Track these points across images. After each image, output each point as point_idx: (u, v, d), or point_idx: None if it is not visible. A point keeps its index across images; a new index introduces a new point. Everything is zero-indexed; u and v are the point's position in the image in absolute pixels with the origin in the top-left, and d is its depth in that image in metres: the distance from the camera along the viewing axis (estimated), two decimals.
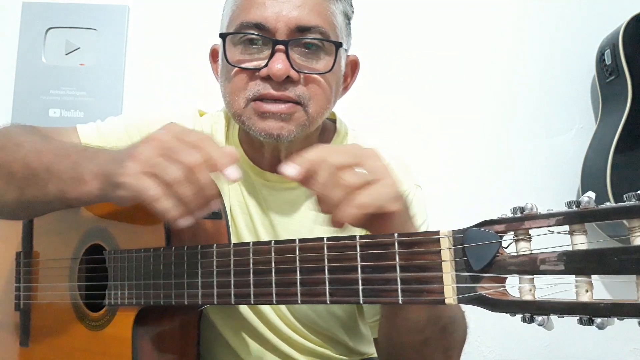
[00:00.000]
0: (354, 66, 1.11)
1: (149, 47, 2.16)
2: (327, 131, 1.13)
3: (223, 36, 0.98)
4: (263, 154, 1.05)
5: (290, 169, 0.70)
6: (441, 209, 1.95)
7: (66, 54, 2.12)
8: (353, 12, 1.06)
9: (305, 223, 1.04)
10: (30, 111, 2.08)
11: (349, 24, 1.05)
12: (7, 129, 0.97)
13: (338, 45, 0.96)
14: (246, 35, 0.94)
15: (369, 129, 1.19)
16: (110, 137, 1.07)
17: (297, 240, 0.71)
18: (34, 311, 1.05)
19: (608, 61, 2.02)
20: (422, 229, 1.03)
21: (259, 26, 0.93)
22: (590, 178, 1.99)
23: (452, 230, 0.59)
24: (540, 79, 2.15)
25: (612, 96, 2.02)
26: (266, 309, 1.07)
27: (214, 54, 1.09)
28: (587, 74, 2.15)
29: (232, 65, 0.96)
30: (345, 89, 1.10)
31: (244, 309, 1.08)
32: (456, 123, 2.12)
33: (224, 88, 1.00)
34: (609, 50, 2.02)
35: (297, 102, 0.93)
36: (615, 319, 0.48)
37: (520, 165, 2.11)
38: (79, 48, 2.12)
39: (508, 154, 2.12)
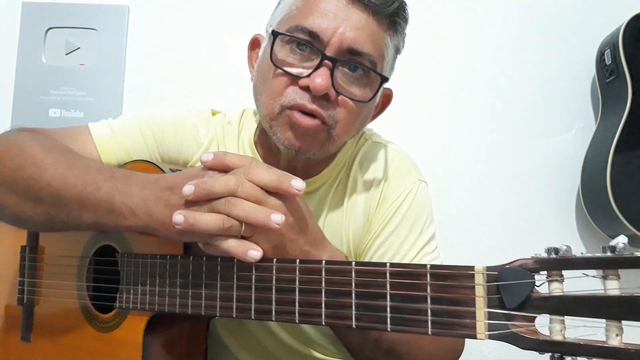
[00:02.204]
0: (386, 99, 1.11)
1: (149, 47, 2.15)
2: None
3: (275, 34, 0.95)
4: (279, 161, 1.04)
5: (205, 156, 0.78)
6: (440, 209, 1.96)
7: (66, 54, 2.10)
8: (404, 47, 1.05)
9: None
10: (30, 111, 2.08)
11: (396, 58, 1.04)
12: (19, 140, 0.94)
13: (384, 79, 0.96)
14: (298, 39, 0.93)
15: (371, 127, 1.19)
16: (124, 138, 1.06)
17: (323, 261, 0.71)
18: (38, 307, 1.05)
19: (608, 61, 2.02)
20: (425, 226, 1.07)
21: (312, 35, 0.91)
22: (590, 178, 2.00)
23: (487, 267, 0.60)
24: (541, 79, 2.15)
25: (612, 96, 2.03)
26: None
27: (254, 43, 1.07)
28: (587, 74, 2.15)
29: (275, 65, 0.94)
30: (373, 118, 1.09)
31: (247, 320, 1.09)
32: (456, 123, 2.13)
33: (261, 85, 0.98)
34: (609, 50, 2.02)
35: (324, 122, 0.92)
36: None
37: (520, 165, 2.11)
38: (79, 48, 2.11)
39: (508, 154, 2.12)
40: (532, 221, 2.07)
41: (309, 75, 0.90)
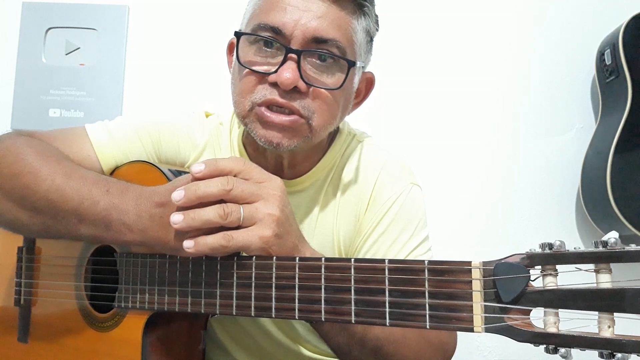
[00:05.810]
0: (369, 83, 1.09)
1: (149, 47, 2.16)
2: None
3: (238, 35, 0.96)
4: (266, 158, 1.05)
5: (196, 167, 0.77)
6: (440, 209, 1.96)
7: (66, 54, 2.11)
8: (378, 29, 1.03)
9: (306, 227, 1.05)
10: (30, 111, 2.09)
11: (371, 41, 1.03)
12: (15, 146, 0.94)
13: (351, 64, 0.94)
14: (261, 37, 0.93)
15: (368, 129, 1.19)
16: (121, 140, 1.06)
17: (322, 258, 0.72)
18: (35, 308, 1.05)
19: (608, 61, 2.02)
20: (418, 229, 1.05)
21: (275, 30, 0.91)
22: (590, 178, 2.01)
23: (483, 262, 0.60)
24: (541, 79, 2.16)
25: (612, 96, 2.03)
26: (265, 319, 1.08)
27: (231, 47, 1.07)
28: (587, 74, 2.16)
29: (243, 65, 0.94)
30: (358, 104, 1.09)
31: (244, 319, 1.09)
32: (456, 123, 2.13)
33: (233, 86, 0.99)
34: (609, 50, 2.03)
35: (300, 115, 0.92)
36: (635, 355, 0.51)
37: (520, 165, 2.12)
38: (79, 48, 2.12)
39: (508, 154, 2.13)
40: (533, 221, 2.08)
41: (276, 71, 0.90)
